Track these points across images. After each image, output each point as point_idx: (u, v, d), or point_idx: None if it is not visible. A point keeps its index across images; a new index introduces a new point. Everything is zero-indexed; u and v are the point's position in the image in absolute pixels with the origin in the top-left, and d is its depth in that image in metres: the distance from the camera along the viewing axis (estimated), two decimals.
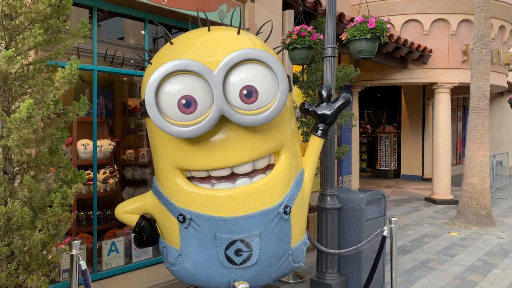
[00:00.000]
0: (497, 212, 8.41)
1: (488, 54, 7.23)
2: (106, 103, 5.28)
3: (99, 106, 5.14)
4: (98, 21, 3.97)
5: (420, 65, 9.16)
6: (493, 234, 6.63)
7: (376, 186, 12.13)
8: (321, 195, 4.03)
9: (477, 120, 7.22)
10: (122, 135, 5.58)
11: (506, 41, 10.33)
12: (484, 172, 7.22)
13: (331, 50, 3.86)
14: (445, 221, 7.56)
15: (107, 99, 5.27)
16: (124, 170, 5.31)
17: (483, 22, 7.17)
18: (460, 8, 8.82)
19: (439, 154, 9.33)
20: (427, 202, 9.53)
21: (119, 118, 5.59)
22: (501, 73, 10.16)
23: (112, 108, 5.39)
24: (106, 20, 4.56)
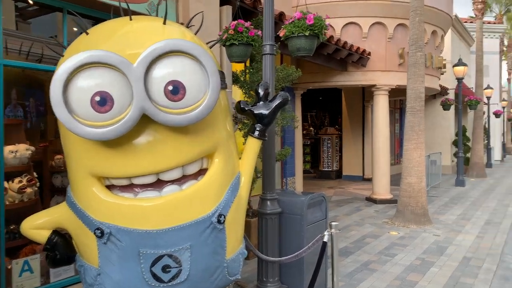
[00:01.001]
0: (432, 210, 8.73)
1: (422, 57, 7.47)
2: (36, 105, 4.82)
3: (29, 108, 4.67)
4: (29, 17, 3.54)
5: (359, 67, 9.33)
6: (430, 232, 6.83)
7: (319, 187, 12.25)
8: (261, 200, 3.82)
9: (414, 121, 7.43)
10: (50, 140, 5.08)
11: (438, 46, 10.85)
12: (421, 171, 7.44)
13: (269, 47, 3.67)
14: (385, 220, 7.70)
15: (37, 101, 4.81)
16: (53, 178, 4.82)
17: (418, 26, 7.40)
18: (396, 12, 9.09)
19: (378, 155, 9.56)
20: (368, 202, 9.72)
21: (51, 121, 5.08)
22: (434, 76, 10.65)
23: (44, 111, 4.89)
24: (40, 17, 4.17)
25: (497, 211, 8.69)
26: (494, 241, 6.29)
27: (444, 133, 16.65)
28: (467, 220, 7.78)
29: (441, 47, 11.20)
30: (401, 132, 17.45)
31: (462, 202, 9.72)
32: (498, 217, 8.07)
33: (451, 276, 4.72)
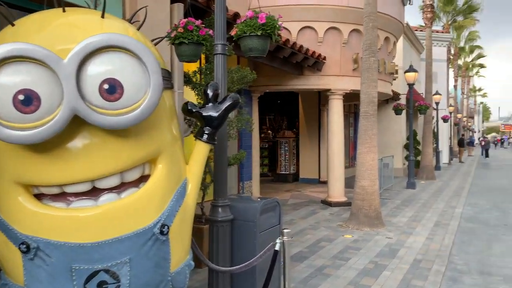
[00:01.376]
0: (385, 212, 8.91)
1: (376, 62, 7.62)
2: None
3: None
4: None
5: (315, 71, 9.39)
6: (383, 235, 6.93)
7: (276, 191, 12.23)
8: (212, 207, 3.65)
9: (367, 125, 7.55)
10: None
11: (390, 52, 11.17)
12: (374, 174, 7.56)
13: (221, 47, 3.52)
14: (340, 223, 7.75)
15: None
16: None
17: (371, 31, 7.54)
18: (350, 18, 9.24)
19: (333, 158, 9.66)
20: (323, 204, 9.79)
21: None
22: (386, 81, 10.94)
23: None
24: None
25: (446, 212, 9.02)
26: (443, 242, 6.48)
27: (396, 137, 17.22)
28: (418, 222, 7.99)
29: (393, 53, 11.54)
30: (355, 135, 17.86)
31: (413, 204, 10.02)
32: (446, 218, 8.37)
33: (403, 279, 4.78)
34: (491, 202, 10.56)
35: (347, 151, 15.63)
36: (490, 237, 6.95)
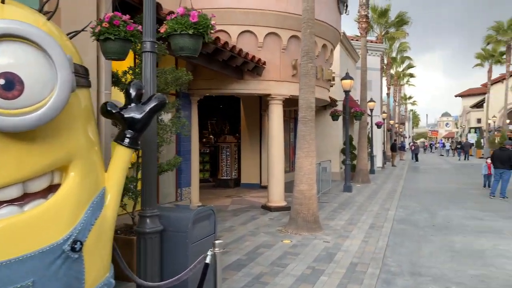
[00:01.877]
0: (323, 215, 9.05)
1: (313, 68, 7.71)
2: None
3: None
4: None
5: (255, 76, 9.33)
6: (320, 239, 6.98)
7: (217, 196, 12.01)
8: (139, 217, 3.37)
9: (305, 130, 7.60)
10: None
11: (328, 59, 11.43)
12: (312, 179, 7.62)
13: (150, 44, 3.29)
14: (279, 228, 7.71)
15: None
16: None
17: (309, 37, 7.62)
18: (289, 24, 9.31)
19: (273, 163, 9.65)
20: (263, 210, 9.73)
21: None
22: (324, 88, 11.18)
23: None
24: None
25: (380, 215, 9.33)
26: (377, 244, 6.65)
27: (334, 142, 17.73)
28: (354, 225, 8.18)
29: (330, 61, 11.84)
30: (295, 140, 18.13)
31: (350, 207, 10.28)
32: (380, 220, 8.66)
33: (339, 284, 4.78)
34: (421, 204, 11.14)
35: (288, 155, 15.79)
36: (420, 238, 7.26)
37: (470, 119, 60.49)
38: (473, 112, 59.72)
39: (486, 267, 5.66)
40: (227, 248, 6.32)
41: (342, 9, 11.25)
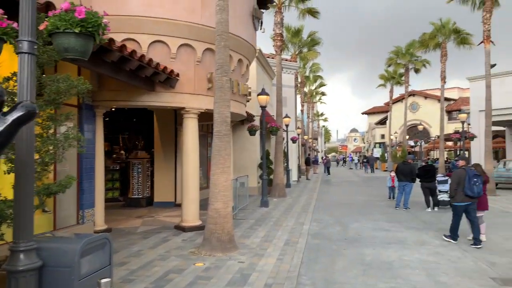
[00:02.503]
0: (239, 233, 8.78)
1: (228, 82, 7.50)
2: None
3: None
4: None
5: (168, 88, 8.87)
6: (235, 259, 6.67)
7: (126, 217, 11.15)
8: (10, 252, 2.75)
9: (220, 145, 7.32)
10: None
11: (244, 74, 11.37)
12: (227, 196, 7.32)
13: (28, 44, 2.75)
14: (192, 250, 7.25)
15: None
16: None
17: (223, 50, 7.41)
18: (204, 36, 9.05)
19: (187, 179, 9.20)
20: (177, 230, 9.17)
21: None
22: (240, 102, 11.05)
23: None
24: None
25: (295, 229, 9.33)
26: (292, 262, 6.53)
27: (251, 156, 17.73)
28: (270, 242, 8.02)
29: (246, 76, 11.81)
30: None
31: (266, 223, 10.16)
32: (295, 236, 8.63)
33: None
34: (334, 217, 11.44)
35: (205, 172, 15.37)
36: (333, 253, 7.32)
37: (375, 135, 65.53)
38: (377, 128, 64.84)
39: (394, 279, 5.81)
40: (132, 276, 5.72)
41: (257, 25, 11.31)
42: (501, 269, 6.21)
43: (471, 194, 7.67)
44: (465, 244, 7.94)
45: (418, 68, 35.57)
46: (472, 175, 7.75)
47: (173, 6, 8.71)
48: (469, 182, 7.68)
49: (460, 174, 7.93)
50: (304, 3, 18.06)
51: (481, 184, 7.80)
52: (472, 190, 7.65)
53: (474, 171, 7.96)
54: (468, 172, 7.84)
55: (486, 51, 17.27)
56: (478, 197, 7.85)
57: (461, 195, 7.81)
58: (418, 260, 6.73)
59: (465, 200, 7.80)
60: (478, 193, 7.69)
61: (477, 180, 7.72)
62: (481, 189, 7.79)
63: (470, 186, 7.65)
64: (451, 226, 8.19)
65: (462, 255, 7.08)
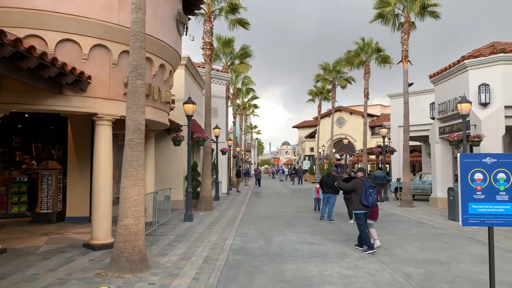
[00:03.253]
0: (156, 251, 8.13)
1: (143, 86, 6.92)
2: None
3: None
4: None
5: (78, 92, 8.05)
6: (145, 280, 6.05)
7: (30, 235, 9.94)
8: None
9: (132, 155, 6.68)
10: None
11: (166, 80, 10.80)
12: (139, 211, 6.69)
13: None
14: (98, 272, 6.49)
15: None
16: None
17: (138, 52, 6.85)
18: (120, 37, 8.39)
19: (99, 194, 8.39)
20: (85, 249, 8.28)
21: None
22: (163, 110, 10.43)
23: None
24: None
25: (217, 245, 8.87)
26: (208, 282, 6.06)
27: (178, 168, 17.00)
28: (188, 259, 7.48)
29: (170, 82, 11.24)
30: None
31: (187, 239, 9.58)
32: (216, 252, 8.17)
33: None
34: (259, 230, 11.16)
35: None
36: (254, 269, 6.96)
37: (305, 148, 67.49)
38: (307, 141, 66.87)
39: None
40: None
41: (182, 30, 10.84)
42: (416, 281, 6.27)
43: (366, 203, 8.31)
44: (384, 256, 8.03)
45: (344, 84, 37.22)
46: (368, 187, 8.38)
47: (87, 3, 7.98)
48: (365, 192, 8.30)
49: (358, 183, 8.56)
50: (235, 14, 17.93)
51: (376, 195, 8.46)
52: (368, 200, 8.30)
53: (370, 182, 8.57)
54: (365, 183, 8.44)
55: (404, 70, 18.38)
56: (372, 207, 8.50)
57: (357, 203, 8.41)
58: (338, 275, 6.60)
59: (362, 209, 8.41)
60: (373, 203, 8.36)
61: (373, 191, 8.38)
62: (375, 199, 8.46)
63: (366, 196, 8.28)
64: (362, 237, 8.48)
65: (380, 268, 7.09)
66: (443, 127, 16.93)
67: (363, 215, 8.49)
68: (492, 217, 4.40)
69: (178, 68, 17.40)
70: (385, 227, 11.87)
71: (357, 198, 8.41)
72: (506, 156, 4.40)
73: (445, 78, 16.47)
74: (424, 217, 13.97)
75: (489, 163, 4.37)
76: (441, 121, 17.14)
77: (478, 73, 14.26)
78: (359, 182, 8.58)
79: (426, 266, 7.18)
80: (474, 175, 4.41)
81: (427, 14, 18.28)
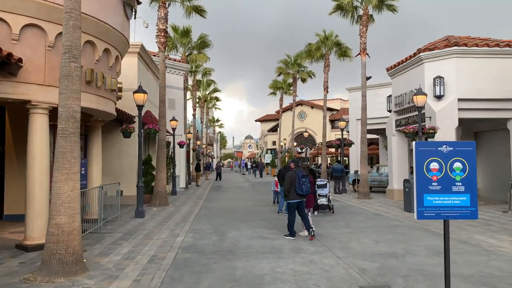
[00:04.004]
0: (97, 251, 7.50)
1: (78, 69, 6.24)
2: None
3: None
4: None
5: (7, 76, 7.21)
6: (79, 285, 5.46)
7: None
8: None
9: (66, 146, 6.02)
10: None
11: (112, 67, 10.05)
12: (74, 208, 6.05)
13: None
14: (26, 276, 5.81)
15: None
16: None
17: (72, 31, 6.16)
18: (58, 17, 7.54)
19: (34, 189, 7.63)
20: (18, 250, 7.53)
21: None
22: (107, 99, 9.68)
23: None
24: None
25: (166, 243, 8.34)
26: (151, 284, 5.55)
27: (131, 161, 16.16)
28: (132, 259, 6.92)
29: (116, 69, 10.50)
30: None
31: (135, 237, 8.97)
32: (164, 250, 7.65)
33: None
34: (214, 226, 10.69)
35: None
36: (202, 268, 6.50)
37: (267, 142, 67.57)
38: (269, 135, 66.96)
39: None
40: None
41: (130, 13, 10.12)
42: (371, 276, 6.05)
43: (300, 192, 8.72)
44: (340, 250, 7.81)
45: (304, 78, 37.23)
46: (301, 176, 8.80)
47: None
48: (299, 182, 8.71)
49: (292, 175, 8.91)
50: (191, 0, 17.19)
51: (309, 184, 8.88)
52: (301, 189, 8.71)
53: (302, 172, 9.00)
54: (297, 173, 8.86)
55: (362, 63, 18.41)
56: (307, 195, 8.94)
57: (293, 193, 8.78)
58: (291, 272, 6.27)
59: (297, 198, 8.81)
60: (307, 191, 8.79)
61: (305, 180, 8.80)
62: (309, 188, 8.89)
63: (300, 186, 8.69)
64: (288, 224, 9.03)
65: (335, 263, 6.84)
66: (399, 120, 17.12)
67: (295, 204, 8.86)
68: (448, 209, 4.16)
69: (131, 56, 16.57)
70: (342, 219, 11.75)
71: (292, 189, 8.74)
72: (462, 144, 4.18)
73: (401, 71, 16.62)
74: (381, 209, 14.02)
75: (445, 152, 4.13)
76: (398, 114, 17.32)
77: (433, 66, 14.43)
78: (292, 173, 8.93)
79: (382, 260, 7.01)
80: (430, 164, 4.15)
81: (385, 7, 18.36)
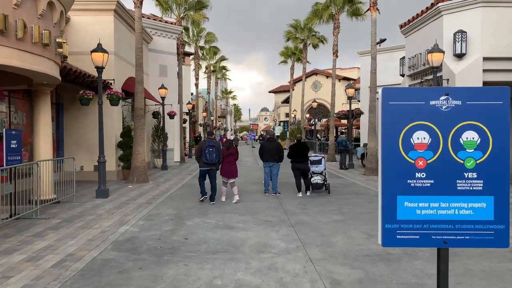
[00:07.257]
0: (6, 245, 5.89)
1: None
2: None
3: None
4: None
5: None
6: None
7: None
8: None
9: None
10: None
11: (57, 23, 8.24)
12: None
13: None
14: None
15: None
16: None
17: None
18: None
19: None
20: None
21: None
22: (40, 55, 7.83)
23: None
24: None
25: (102, 235, 6.67)
26: None
27: (109, 133, 14.54)
28: (35, 261, 5.26)
29: (62, 27, 8.68)
30: (58, 132, 14.31)
31: (72, 225, 7.36)
32: (90, 246, 5.98)
33: None
34: (178, 210, 8.95)
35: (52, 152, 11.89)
36: (115, 278, 4.73)
37: (280, 113, 65.29)
38: (282, 107, 64.53)
39: None
40: None
41: None
42: None
43: (205, 160, 9.43)
44: (318, 247, 6.01)
45: (316, 44, 34.55)
46: (208, 145, 9.44)
47: None
48: (205, 151, 9.41)
49: (201, 144, 9.69)
50: None
51: (215, 153, 9.42)
52: (206, 158, 9.41)
53: (210, 142, 9.53)
54: (206, 142, 9.55)
55: (372, 20, 15.97)
56: (214, 164, 9.52)
57: (201, 162, 9.53)
58: (235, 285, 4.50)
59: (204, 166, 9.57)
60: (211, 160, 9.41)
61: (212, 150, 9.41)
62: (215, 157, 9.43)
63: (205, 154, 9.40)
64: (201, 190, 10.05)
65: (303, 269, 5.03)
66: (413, 85, 14.85)
67: (205, 172, 9.64)
68: (447, 227, 2.12)
69: (105, 14, 14.61)
70: (335, 202, 9.88)
71: (202, 158, 9.46)
72: (482, 94, 2.13)
73: (417, 27, 14.20)
74: None
75: (445, 109, 2.13)
76: (411, 78, 15.03)
77: (454, 19, 12.02)
78: (202, 143, 9.71)
79: (367, 266, 5.16)
80: (412, 135, 2.12)
81: None
